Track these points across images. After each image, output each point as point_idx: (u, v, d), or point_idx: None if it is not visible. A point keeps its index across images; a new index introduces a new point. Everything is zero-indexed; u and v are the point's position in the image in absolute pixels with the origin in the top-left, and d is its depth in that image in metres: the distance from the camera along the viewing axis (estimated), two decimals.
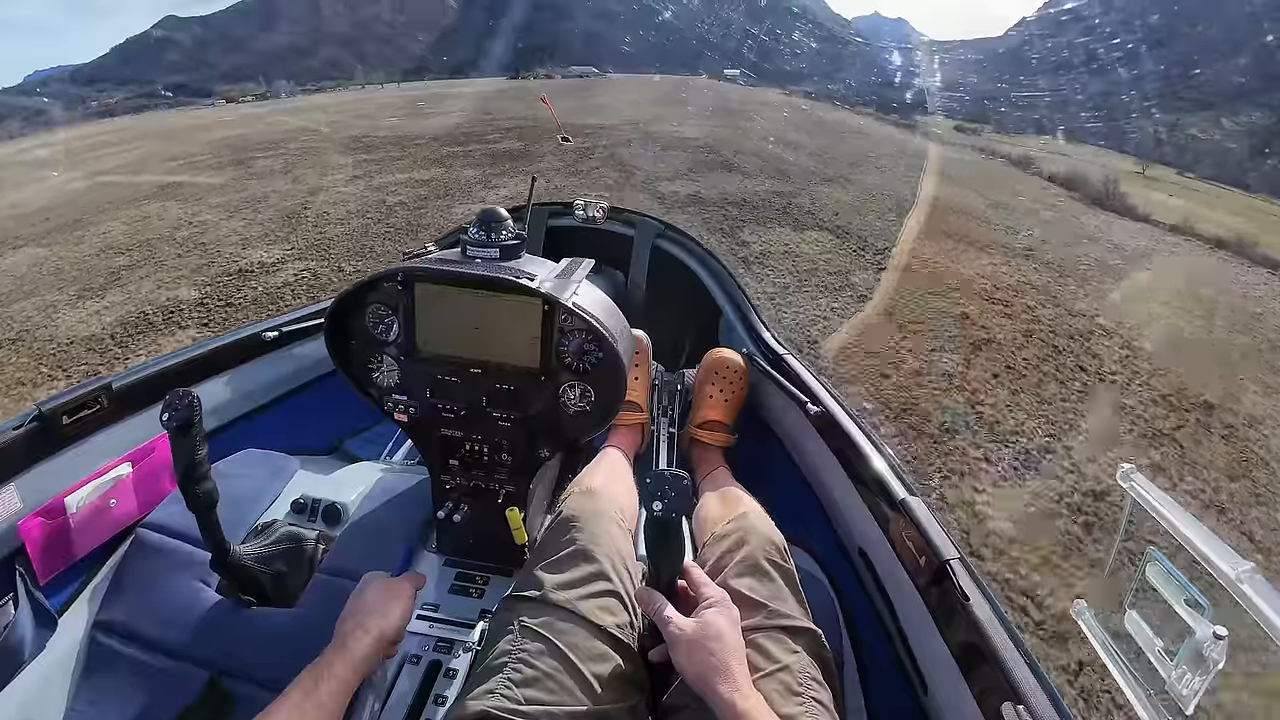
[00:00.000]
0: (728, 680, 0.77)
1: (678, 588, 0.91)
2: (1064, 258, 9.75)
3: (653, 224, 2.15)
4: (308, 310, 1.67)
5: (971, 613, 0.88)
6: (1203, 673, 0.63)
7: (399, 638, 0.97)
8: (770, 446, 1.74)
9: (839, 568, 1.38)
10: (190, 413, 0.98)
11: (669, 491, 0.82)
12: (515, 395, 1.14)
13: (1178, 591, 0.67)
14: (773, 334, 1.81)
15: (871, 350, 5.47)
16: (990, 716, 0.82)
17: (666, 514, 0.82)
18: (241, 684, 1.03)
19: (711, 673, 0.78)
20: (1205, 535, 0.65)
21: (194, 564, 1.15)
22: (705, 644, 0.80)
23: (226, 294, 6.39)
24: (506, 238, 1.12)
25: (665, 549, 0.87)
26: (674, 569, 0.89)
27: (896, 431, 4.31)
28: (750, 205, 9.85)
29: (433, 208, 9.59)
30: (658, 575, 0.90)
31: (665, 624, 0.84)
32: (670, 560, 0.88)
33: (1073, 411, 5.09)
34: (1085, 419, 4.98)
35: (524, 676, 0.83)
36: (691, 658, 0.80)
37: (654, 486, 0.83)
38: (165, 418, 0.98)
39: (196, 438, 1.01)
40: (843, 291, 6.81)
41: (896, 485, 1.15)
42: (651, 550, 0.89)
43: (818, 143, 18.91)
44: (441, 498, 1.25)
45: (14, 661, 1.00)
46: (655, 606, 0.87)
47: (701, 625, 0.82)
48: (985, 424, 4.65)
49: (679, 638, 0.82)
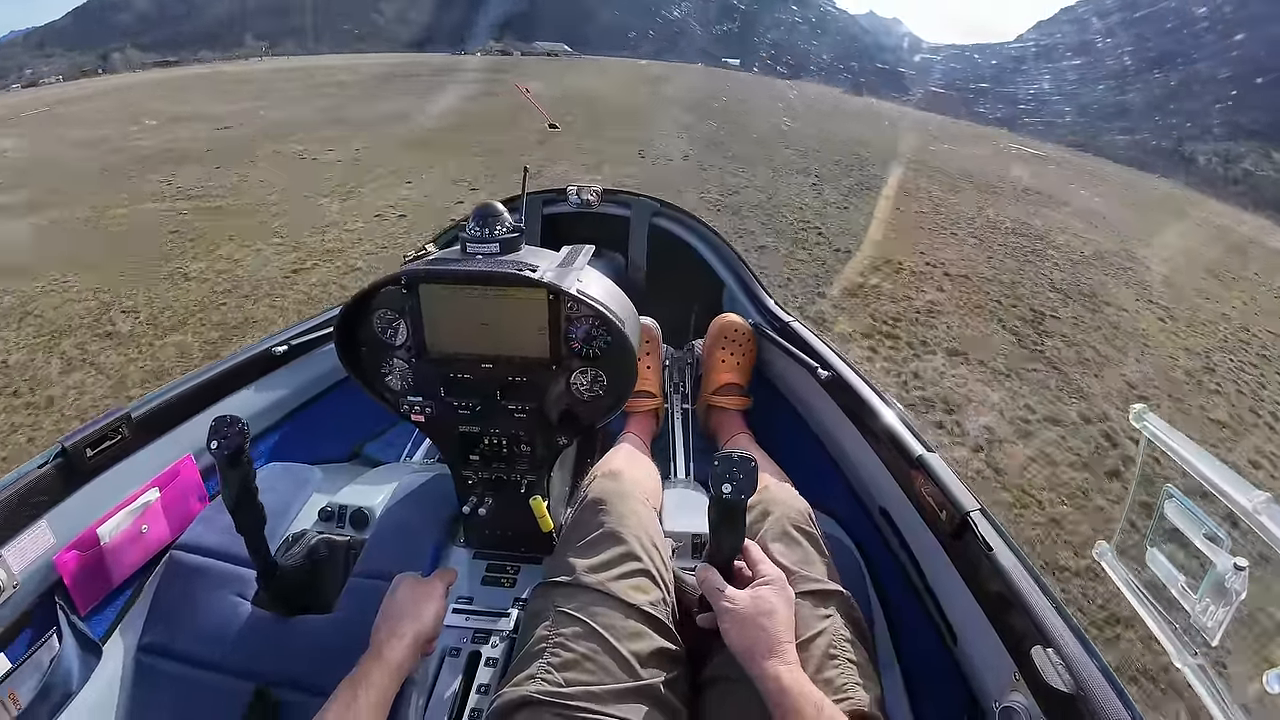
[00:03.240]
0: (776, 655, 0.79)
1: (735, 565, 0.92)
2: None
3: (648, 202, 2.14)
4: (314, 322, 1.68)
5: (996, 561, 0.90)
6: (1225, 604, 0.64)
7: (435, 635, 0.99)
8: (783, 414, 1.76)
9: (862, 528, 1.40)
10: (241, 439, 0.99)
11: (737, 474, 0.83)
12: (528, 386, 1.15)
13: (1196, 526, 0.68)
14: (777, 301, 1.81)
15: None
16: (1019, 660, 0.84)
17: (735, 495, 0.84)
18: (288, 692, 1.05)
19: (760, 646, 0.80)
20: (1220, 469, 0.66)
21: (230, 580, 1.18)
22: (757, 619, 0.82)
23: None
24: (504, 231, 1.12)
25: (730, 529, 0.89)
26: (735, 548, 0.91)
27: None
28: None
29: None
30: (719, 552, 0.91)
31: (718, 597, 0.86)
32: (733, 540, 0.90)
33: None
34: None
35: (563, 660, 0.85)
36: (742, 631, 0.82)
37: (723, 469, 0.84)
38: (214, 446, 0.98)
39: (246, 462, 1.02)
40: None
41: (913, 443, 1.16)
42: (715, 529, 0.90)
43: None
44: (465, 493, 1.27)
45: (64, 692, 1.02)
46: (711, 581, 0.88)
47: (755, 600, 0.84)
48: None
49: (731, 610, 0.84)
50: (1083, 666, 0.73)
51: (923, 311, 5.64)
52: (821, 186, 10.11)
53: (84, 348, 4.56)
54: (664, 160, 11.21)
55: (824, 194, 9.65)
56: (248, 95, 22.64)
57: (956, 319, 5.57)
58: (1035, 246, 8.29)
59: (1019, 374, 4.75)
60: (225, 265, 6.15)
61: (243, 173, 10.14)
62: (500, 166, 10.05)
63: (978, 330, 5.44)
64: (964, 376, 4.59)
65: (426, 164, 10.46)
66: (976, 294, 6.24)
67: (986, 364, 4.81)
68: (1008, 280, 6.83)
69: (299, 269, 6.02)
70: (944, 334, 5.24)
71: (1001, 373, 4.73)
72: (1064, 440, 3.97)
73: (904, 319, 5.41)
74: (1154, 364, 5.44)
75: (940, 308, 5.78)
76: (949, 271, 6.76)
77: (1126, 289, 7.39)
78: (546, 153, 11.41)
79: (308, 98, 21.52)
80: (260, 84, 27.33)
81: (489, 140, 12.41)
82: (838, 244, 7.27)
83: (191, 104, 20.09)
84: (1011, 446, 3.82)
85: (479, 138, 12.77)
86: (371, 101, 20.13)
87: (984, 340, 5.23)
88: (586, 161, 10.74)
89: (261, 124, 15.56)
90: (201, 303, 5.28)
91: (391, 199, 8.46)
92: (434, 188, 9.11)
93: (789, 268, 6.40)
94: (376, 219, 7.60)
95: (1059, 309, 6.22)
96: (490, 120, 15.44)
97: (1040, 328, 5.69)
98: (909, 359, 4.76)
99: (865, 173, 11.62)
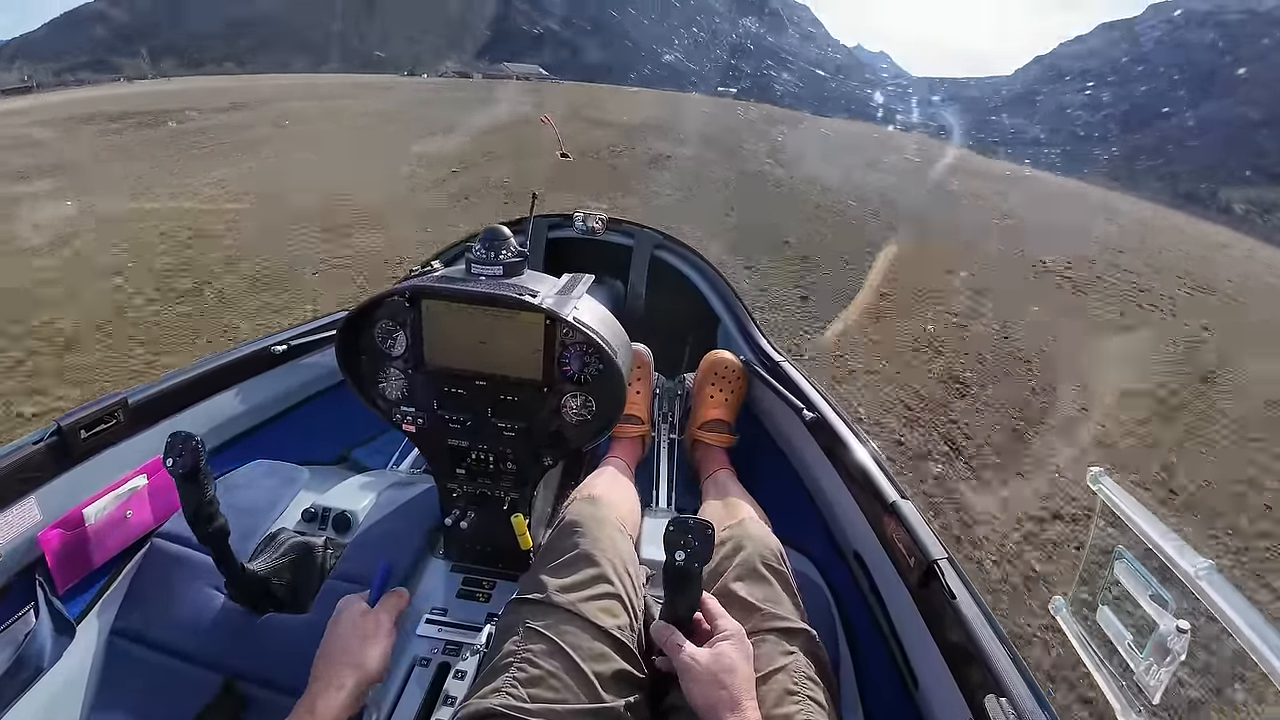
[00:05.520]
0: (736, 713, 0.79)
1: (694, 618, 0.92)
2: None
3: (651, 234, 2.20)
4: (312, 325, 1.72)
5: (958, 610, 0.92)
6: (1168, 664, 0.67)
7: (380, 678, 0.97)
8: (768, 451, 1.79)
9: (835, 570, 1.42)
10: (195, 458, 0.98)
11: (692, 541, 0.83)
12: (519, 406, 1.18)
13: (1144, 587, 0.71)
14: (770, 342, 1.85)
15: None
16: (975, 709, 0.85)
17: (689, 564, 0.84)
18: (256, 688, 1.06)
19: (721, 705, 0.79)
20: (1167, 535, 0.69)
21: (208, 572, 1.19)
22: (718, 676, 0.82)
23: None
24: (509, 255, 1.16)
25: (683, 593, 0.89)
26: (691, 609, 0.91)
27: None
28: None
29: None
30: (673, 612, 0.91)
31: (677, 653, 0.86)
32: (687, 602, 0.90)
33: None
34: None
35: (529, 676, 0.86)
36: (702, 689, 0.82)
37: (677, 535, 0.84)
38: (170, 463, 0.97)
39: (203, 480, 1.01)
40: None
41: (888, 488, 1.20)
42: (669, 592, 0.91)
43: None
44: (448, 505, 1.29)
45: (34, 668, 1.03)
46: (669, 638, 0.88)
47: (715, 657, 0.84)
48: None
49: (691, 667, 0.83)
50: (1034, 717, 0.76)
51: None
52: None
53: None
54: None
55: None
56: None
57: None
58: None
59: None
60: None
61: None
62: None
63: None
64: None
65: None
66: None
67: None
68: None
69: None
70: None
71: None
72: None
73: None
74: None
75: None
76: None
77: None
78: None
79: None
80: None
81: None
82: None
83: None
84: None
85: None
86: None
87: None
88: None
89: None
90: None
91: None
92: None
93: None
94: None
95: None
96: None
97: None
98: None
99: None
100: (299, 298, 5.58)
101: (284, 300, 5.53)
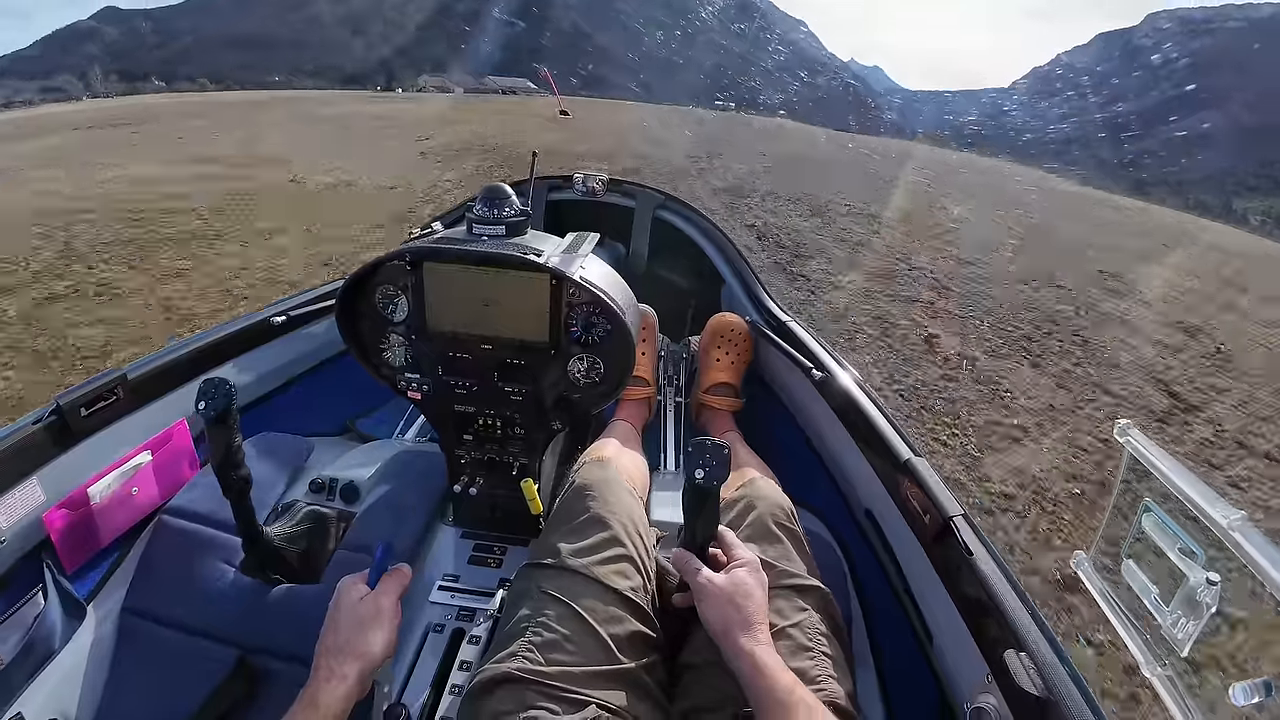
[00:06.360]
0: (751, 634, 0.80)
1: (710, 553, 0.93)
2: None
3: (653, 195, 2.14)
4: (312, 294, 1.68)
5: (975, 565, 0.91)
6: (1196, 616, 0.66)
7: (386, 658, 0.92)
8: (776, 412, 1.77)
9: (846, 529, 1.41)
10: (227, 400, 0.98)
11: (710, 460, 0.84)
12: (526, 369, 1.16)
13: (1172, 540, 0.69)
14: (775, 301, 1.82)
15: None
16: (992, 663, 0.85)
17: (708, 482, 0.84)
18: (270, 660, 1.06)
19: (735, 626, 0.80)
20: (1198, 486, 0.67)
21: (217, 546, 1.18)
22: (734, 598, 0.82)
23: None
24: (511, 214, 1.12)
25: (703, 514, 0.90)
26: (709, 533, 0.91)
27: None
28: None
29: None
30: (693, 537, 0.92)
31: (694, 576, 0.86)
32: (706, 525, 0.90)
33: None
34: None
35: (544, 639, 0.87)
36: (719, 610, 0.82)
37: (696, 455, 0.85)
38: (202, 406, 0.97)
39: (233, 425, 1.01)
40: None
41: (901, 446, 1.18)
42: (689, 515, 0.91)
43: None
44: (456, 472, 1.27)
45: (46, 649, 1.02)
46: (687, 563, 0.89)
47: (732, 581, 0.84)
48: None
49: (707, 588, 0.84)
50: (1053, 670, 0.75)
51: None
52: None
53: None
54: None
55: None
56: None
57: None
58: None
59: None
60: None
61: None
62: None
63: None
64: None
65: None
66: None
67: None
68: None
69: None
70: None
71: None
72: None
73: None
74: None
75: None
76: None
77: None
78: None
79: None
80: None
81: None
82: None
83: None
84: None
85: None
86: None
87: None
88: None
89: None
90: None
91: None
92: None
93: None
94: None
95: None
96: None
97: None
98: None
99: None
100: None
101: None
